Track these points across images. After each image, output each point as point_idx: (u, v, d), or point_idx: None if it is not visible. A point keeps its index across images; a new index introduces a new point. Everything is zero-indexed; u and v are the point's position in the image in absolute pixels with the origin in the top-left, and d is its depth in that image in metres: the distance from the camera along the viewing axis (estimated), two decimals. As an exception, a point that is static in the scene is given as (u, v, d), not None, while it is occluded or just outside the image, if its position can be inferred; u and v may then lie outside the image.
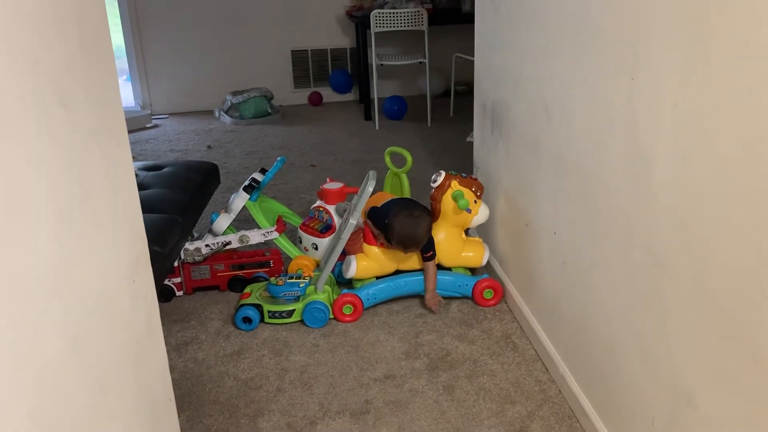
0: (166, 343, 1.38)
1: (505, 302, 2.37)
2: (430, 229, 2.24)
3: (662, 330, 1.32)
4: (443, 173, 2.40)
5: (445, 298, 2.38)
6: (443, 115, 5.01)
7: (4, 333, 0.64)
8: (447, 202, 2.35)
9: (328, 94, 5.72)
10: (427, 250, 2.28)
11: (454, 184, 2.36)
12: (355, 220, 2.28)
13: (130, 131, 1.07)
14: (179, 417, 1.44)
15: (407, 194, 2.85)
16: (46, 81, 0.79)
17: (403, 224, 2.20)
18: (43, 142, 0.77)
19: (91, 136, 0.94)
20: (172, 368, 1.48)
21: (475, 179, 2.43)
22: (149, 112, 5.32)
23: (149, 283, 1.23)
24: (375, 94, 4.81)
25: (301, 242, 2.65)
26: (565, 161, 1.76)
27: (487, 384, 1.92)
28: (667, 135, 1.25)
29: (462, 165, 2.89)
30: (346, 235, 2.31)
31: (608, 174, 1.51)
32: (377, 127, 4.78)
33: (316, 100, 5.65)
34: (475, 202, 2.37)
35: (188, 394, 1.93)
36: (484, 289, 2.37)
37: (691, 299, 1.21)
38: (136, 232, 1.14)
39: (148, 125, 5.12)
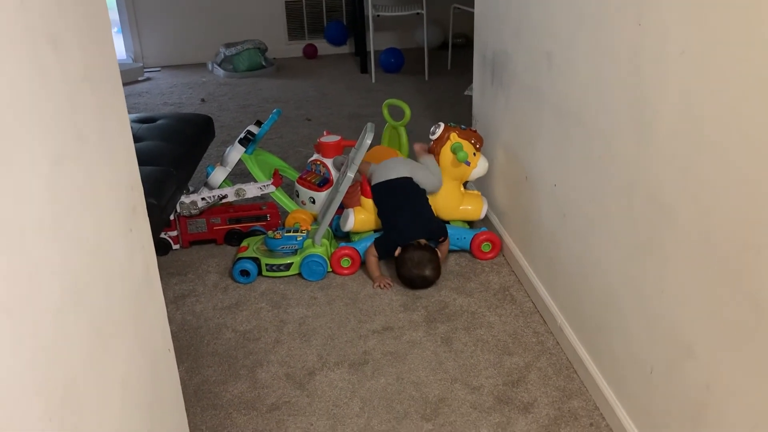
0: (164, 296, 1.37)
1: (503, 255, 2.36)
2: (438, 270, 2.17)
3: (662, 280, 1.32)
4: (442, 125, 2.37)
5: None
6: (441, 68, 4.94)
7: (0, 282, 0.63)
8: (446, 154, 2.33)
9: (324, 47, 5.63)
10: (440, 236, 2.26)
11: (453, 137, 2.33)
12: (353, 173, 2.26)
13: (122, 84, 1.04)
14: (178, 368, 1.44)
15: (405, 148, 2.83)
16: (36, 23, 0.76)
17: (411, 271, 2.15)
18: (34, 86, 0.75)
19: (84, 82, 0.91)
20: (170, 321, 1.48)
21: (475, 131, 2.41)
22: (141, 64, 5.23)
23: (146, 233, 1.21)
24: (371, 47, 4.72)
25: (298, 196, 2.63)
26: (567, 111, 1.74)
27: (485, 336, 1.93)
28: (673, 82, 1.23)
29: (460, 118, 2.85)
30: (343, 189, 2.29)
31: (611, 123, 1.49)
32: (373, 81, 4.72)
33: (311, 52, 5.55)
34: (474, 154, 2.35)
35: (187, 346, 1.94)
36: (482, 242, 2.36)
37: (692, 248, 1.20)
38: (132, 181, 1.12)
39: (140, 78, 5.03)
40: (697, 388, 1.22)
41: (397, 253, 2.19)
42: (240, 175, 2.78)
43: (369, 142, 2.24)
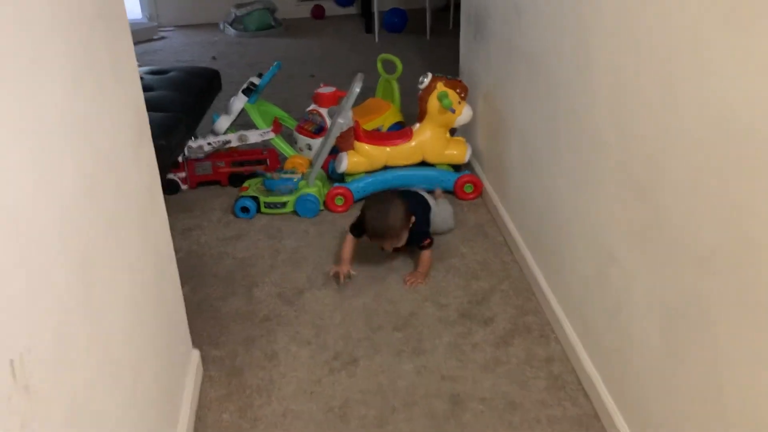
0: (172, 230, 1.59)
1: (482, 197, 2.57)
2: (405, 215, 2.02)
3: (596, 202, 1.52)
4: (430, 75, 2.55)
5: (428, 192, 2.59)
6: (443, 28, 5.09)
7: (28, 166, 0.84)
8: (433, 102, 2.51)
9: (331, 8, 5.78)
10: (423, 239, 2.10)
11: (440, 86, 2.51)
12: (343, 119, 2.47)
13: (137, 43, 1.23)
14: (183, 287, 1.67)
15: (397, 99, 3.02)
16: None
17: (374, 213, 2.02)
18: (58, 20, 0.95)
19: (98, 19, 1.13)
20: (177, 249, 1.69)
21: (460, 81, 2.59)
22: (156, 24, 5.43)
23: (151, 157, 1.44)
24: (375, 8, 4.87)
25: (296, 143, 2.84)
26: (532, 61, 1.93)
27: (457, 264, 2.15)
28: (605, 28, 1.42)
29: (455, 75, 3.03)
30: (334, 134, 2.49)
31: (563, 69, 1.68)
32: (377, 40, 4.88)
33: (318, 13, 5.71)
34: (459, 103, 2.54)
35: (192, 269, 2.18)
36: (465, 184, 2.57)
37: (614, 172, 1.40)
38: (138, 107, 1.34)
39: (154, 37, 5.23)
40: (617, 290, 1.44)
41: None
42: (244, 126, 2.99)
43: (358, 90, 2.44)
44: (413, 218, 2.07)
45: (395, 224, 2.00)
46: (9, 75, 0.76)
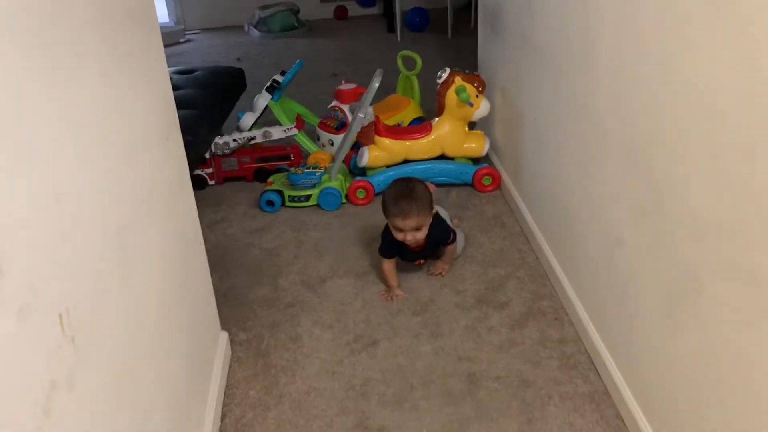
0: (201, 223, 1.68)
1: (500, 189, 2.63)
2: (430, 198, 1.97)
3: (603, 188, 1.58)
4: (448, 69, 2.61)
5: (447, 185, 2.66)
6: (464, 27, 5.15)
7: (70, 146, 0.93)
8: (451, 96, 2.58)
9: (354, 8, 5.87)
10: (446, 236, 2.05)
11: (458, 80, 2.58)
12: (363, 113, 2.55)
13: (164, 46, 1.32)
14: (212, 277, 1.76)
15: (417, 95, 3.09)
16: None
17: (399, 188, 1.98)
18: (93, 20, 1.04)
19: (127, 19, 1.22)
20: (205, 241, 1.77)
21: (477, 75, 2.65)
22: (183, 27, 5.57)
23: (180, 147, 1.53)
24: (397, 7, 4.95)
25: (318, 139, 2.93)
26: (542, 53, 1.98)
27: (474, 253, 2.22)
28: (610, 20, 1.47)
29: (475, 71, 3.09)
30: (355, 128, 2.58)
31: (569, 59, 1.74)
32: (399, 39, 4.96)
33: (341, 14, 5.81)
34: (477, 96, 2.60)
35: (220, 259, 2.28)
36: (483, 176, 2.64)
37: (616, 156, 1.46)
38: (166, 100, 1.43)
39: (181, 40, 5.38)
40: (622, 271, 1.49)
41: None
42: (268, 122, 3.09)
43: (377, 85, 2.52)
44: (435, 211, 2.02)
45: (420, 201, 1.91)
46: (54, 65, 0.85)
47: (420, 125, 2.72)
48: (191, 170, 2.23)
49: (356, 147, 2.73)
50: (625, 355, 1.53)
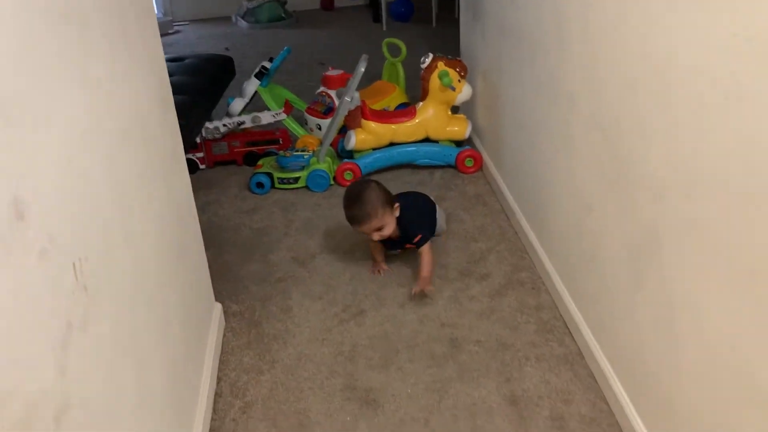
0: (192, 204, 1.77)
1: (482, 170, 2.73)
2: (382, 197, 1.97)
3: (571, 157, 1.67)
4: (431, 55, 2.70)
5: (431, 167, 2.75)
6: (449, 16, 5.22)
7: (81, 114, 1.01)
8: (434, 81, 2.67)
9: (340, -1, 5.94)
10: (415, 233, 2.00)
11: (441, 65, 2.66)
12: (350, 97, 2.63)
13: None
14: (205, 254, 1.86)
15: (402, 81, 3.18)
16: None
17: (347, 197, 2.01)
18: (98, 7, 1.12)
19: (130, 6, 1.30)
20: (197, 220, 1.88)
21: (460, 61, 2.74)
22: (171, 18, 5.62)
23: (175, 123, 1.61)
24: (382, -3, 5.03)
25: (306, 124, 3.01)
26: (521, 36, 2.08)
27: (457, 228, 2.31)
28: (579, 3, 1.57)
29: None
30: (342, 112, 2.66)
31: (544, 42, 1.83)
32: (384, 29, 5.04)
33: (327, 4, 5.87)
34: (459, 81, 2.69)
35: (212, 238, 2.35)
36: (466, 158, 2.73)
37: (587, 125, 1.56)
38: (162, 79, 1.51)
39: (170, 31, 5.43)
40: (592, 237, 1.59)
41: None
42: (257, 108, 3.16)
43: (363, 69, 2.60)
44: (397, 206, 2.01)
45: (368, 207, 1.93)
46: (64, 43, 0.93)
47: (405, 109, 2.81)
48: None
49: (343, 131, 2.81)
50: (596, 317, 1.63)
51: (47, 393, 0.77)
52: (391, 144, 2.76)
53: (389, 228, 1.98)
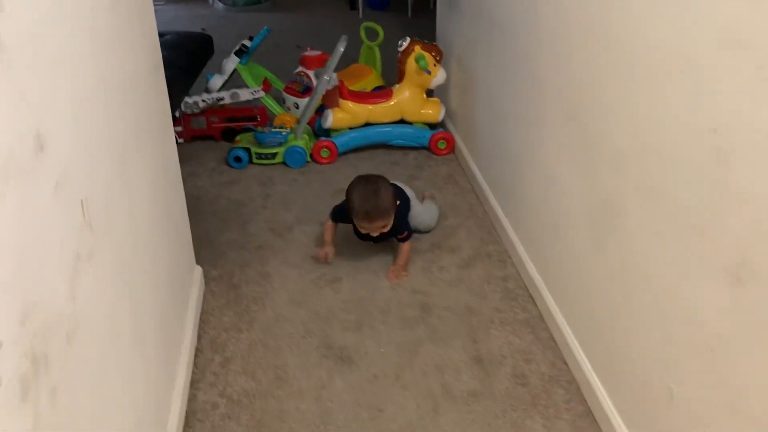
0: None
1: (454, 153, 2.83)
2: (393, 196, 1.98)
3: (542, 137, 1.78)
4: (408, 39, 2.79)
5: (405, 148, 2.84)
6: (425, 7, 5.32)
7: (89, 68, 1.07)
8: (410, 64, 2.76)
9: (317, -15, 5.98)
10: (401, 231, 2.05)
11: (417, 49, 2.76)
12: (328, 76, 2.71)
13: None
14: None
15: (379, 65, 3.26)
16: None
17: (364, 193, 1.96)
18: None
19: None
20: None
21: (436, 45, 2.83)
22: (146, -3, 5.60)
23: (163, 84, 1.69)
24: (360, -15, 5.10)
25: (284, 102, 3.08)
26: (494, 21, 2.18)
27: (429, 205, 2.41)
28: (550, -14, 1.67)
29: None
30: (320, 90, 2.74)
31: (517, 26, 1.94)
32: (361, 16, 5.11)
33: (305, -10, 5.90)
34: (435, 65, 2.78)
35: (190, 209, 2.38)
36: (439, 140, 2.83)
37: (553, 101, 1.67)
38: (153, 43, 1.58)
39: (145, 10, 5.42)
40: (557, 209, 1.70)
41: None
42: (236, 86, 3.21)
43: (342, 49, 2.68)
44: (398, 203, 2.03)
45: (385, 203, 1.93)
46: (71, 11, 1.00)
47: (382, 91, 2.90)
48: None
49: (321, 111, 2.89)
50: (557, 284, 1.75)
51: (62, 314, 0.84)
52: (367, 124, 2.84)
53: (389, 225, 1.98)
